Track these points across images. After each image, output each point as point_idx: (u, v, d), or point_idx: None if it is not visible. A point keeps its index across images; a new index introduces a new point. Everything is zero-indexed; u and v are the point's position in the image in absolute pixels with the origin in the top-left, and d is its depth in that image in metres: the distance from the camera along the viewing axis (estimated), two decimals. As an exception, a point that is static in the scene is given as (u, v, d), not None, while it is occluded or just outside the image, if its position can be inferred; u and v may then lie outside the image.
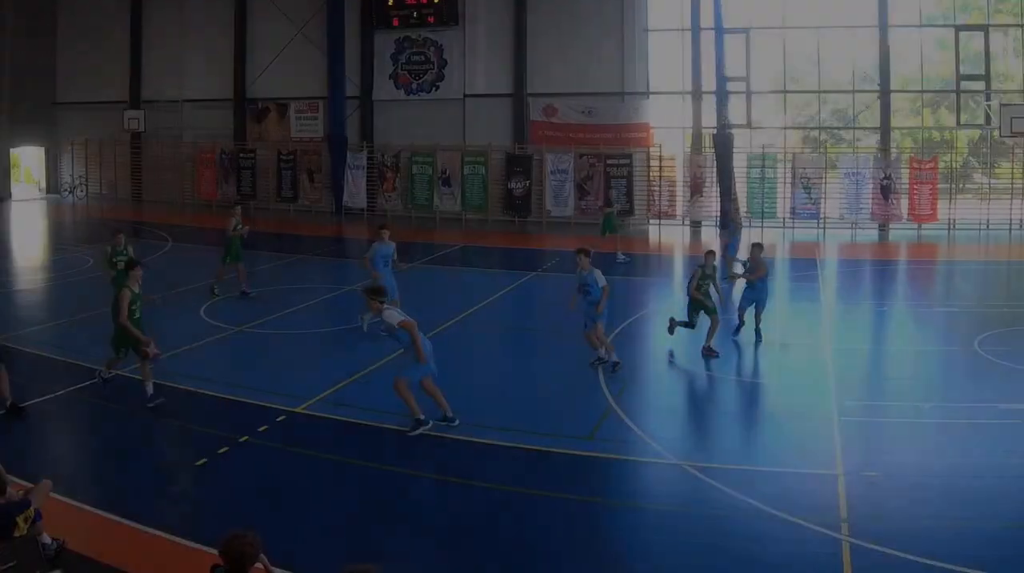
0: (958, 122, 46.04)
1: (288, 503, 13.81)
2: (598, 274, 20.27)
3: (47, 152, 60.86)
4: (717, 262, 23.33)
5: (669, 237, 44.50)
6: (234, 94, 53.29)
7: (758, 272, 22.99)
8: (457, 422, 16.52)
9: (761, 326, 22.89)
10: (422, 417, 16.24)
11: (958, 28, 45.13)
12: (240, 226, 28.10)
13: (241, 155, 52.84)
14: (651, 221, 46.49)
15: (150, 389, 17.56)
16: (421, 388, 16.47)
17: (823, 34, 45.88)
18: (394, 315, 16.13)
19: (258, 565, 8.67)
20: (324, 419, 17.28)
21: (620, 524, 13.47)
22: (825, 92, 47.26)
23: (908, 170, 43.90)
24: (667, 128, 47.38)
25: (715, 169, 44.46)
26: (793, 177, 44.71)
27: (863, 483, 14.24)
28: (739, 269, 25.14)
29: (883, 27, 44.22)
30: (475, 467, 15.25)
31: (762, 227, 44.39)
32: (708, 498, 13.98)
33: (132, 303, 17.73)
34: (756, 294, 22.97)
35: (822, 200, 44.53)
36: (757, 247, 23.41)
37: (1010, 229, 43.22)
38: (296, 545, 12.13)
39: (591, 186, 46.27)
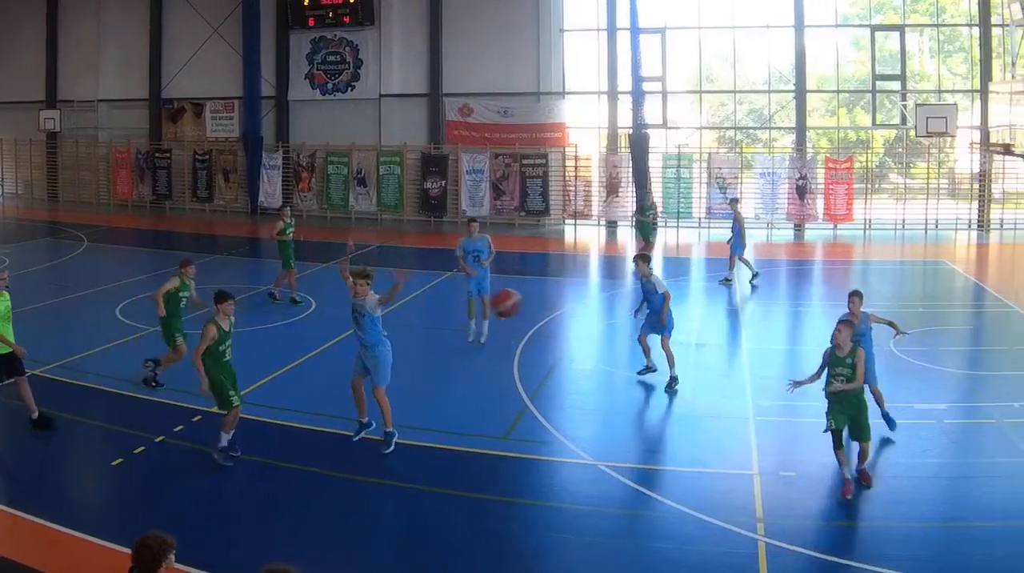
0: (874, 122, 45.30)
1: (204, 503, 13.64)
2: (657, 280, 19.22)
3: (-39, 152, 58.32)
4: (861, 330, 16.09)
5: (585, 237, 43.19)
6: (150, 94, 51.22)
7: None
8: (373, 426, 16.01)
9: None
10: (392, 429, 15.58)
11: (874, 28, 44.40)
12: (291, 229, 26.85)
13: (157, 155, 50.84)
14: (567, 221, 45.21)
15: (225, 441, 15.05)
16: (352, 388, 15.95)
17: (739, 34, 44.77)
18: (375, 303, 15.51)
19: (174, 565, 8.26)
20: (239, 419, 16.59)
21: (536, 524, 13.26)
22: (741, 92, 46.42)
23: (824, 170, 43.08)
24: (583, 128, 46.15)
25: (631, 169, 43.14)
26: (709, 177, 43.64)
27: (779, 483, 14.18)
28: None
29: (799, 27, 43.25)
30: (390, 467, 14.97)
31: (677, 227, 43.63)
32: (624, 498, 13.90)
33: (221, 343, 15.08)
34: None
35: (738, 200, 42.91)
36: (857, 296, 16.72)
37: (925, 229, 42.60)
38: (213, 544, 12.06)
39: (506, 186, 44.96)
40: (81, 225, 43.81)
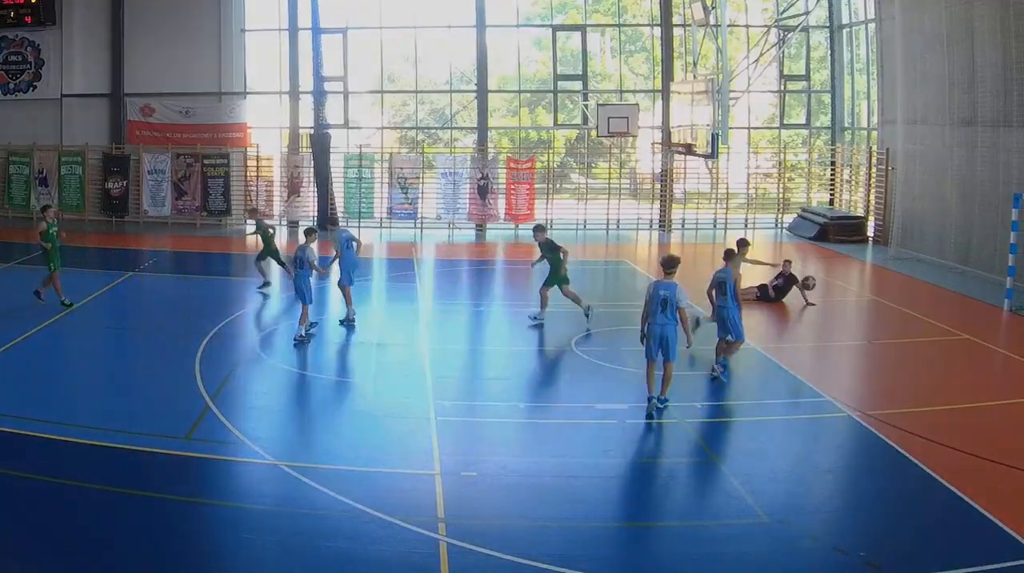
0: (555, 122, 42.84)
1: None
2: None
3: None
4: None
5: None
6: None
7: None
8: None
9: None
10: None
11: (555, 28, 41.90)
12: (55, 228, 24.53)
13: None
14: (248, 221, 40.92)
15: None
16: None
17: (421, 34, 41.59)
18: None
19: None
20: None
21: (217, 524, 12.40)
22: (422, 92, 43.44)
23: (505, 170, 40.33)
24: (265, 128, 42.38)
25: (312, 169, 39.62)
26: (390, 177, 40.45)
27: (461, 483, 13.73)
28: None
29: (480, 27, 40.29)
30: (70, 467, 13.84)
31: (359, 227, 39.94)
32: (305, 498, 13.07)
33: None
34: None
35: (419, 200, 40.53)
36: None
37: (607, 229, 40.65)
38: None
39: (188, 186, 40.99)
40: None
